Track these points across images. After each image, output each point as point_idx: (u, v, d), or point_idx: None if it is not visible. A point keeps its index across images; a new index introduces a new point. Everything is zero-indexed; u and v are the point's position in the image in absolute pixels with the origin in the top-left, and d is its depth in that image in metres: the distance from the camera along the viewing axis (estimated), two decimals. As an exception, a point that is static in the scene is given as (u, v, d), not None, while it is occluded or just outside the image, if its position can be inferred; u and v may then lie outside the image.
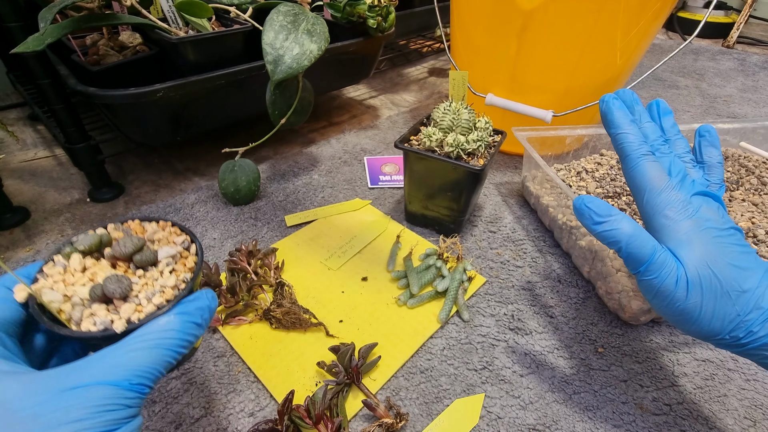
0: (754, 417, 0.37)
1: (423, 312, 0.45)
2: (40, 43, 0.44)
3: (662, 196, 0.30)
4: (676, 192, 0.30)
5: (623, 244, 0.29)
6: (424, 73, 1.15)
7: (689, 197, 0.30)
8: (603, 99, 0.34)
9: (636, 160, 0.31)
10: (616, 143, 0.33)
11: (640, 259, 0.29)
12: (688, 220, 0.29)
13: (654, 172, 0.30)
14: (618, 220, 0.29)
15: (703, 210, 0.29)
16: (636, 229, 0.29)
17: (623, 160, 0.32)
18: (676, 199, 0.29)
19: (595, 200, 0.30)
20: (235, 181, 0.59)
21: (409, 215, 0.58)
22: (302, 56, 0.51)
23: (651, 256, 0.28)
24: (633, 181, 0.31)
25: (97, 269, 0.24)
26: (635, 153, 0.31)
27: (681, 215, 0.29)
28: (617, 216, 0.29)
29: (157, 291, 0.24)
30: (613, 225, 0.29)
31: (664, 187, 0.30)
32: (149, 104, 0.55)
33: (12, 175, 0.68)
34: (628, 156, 0.32)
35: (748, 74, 1.16)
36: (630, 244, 0.29)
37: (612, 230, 0.29)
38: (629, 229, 0.29)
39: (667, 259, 0.28)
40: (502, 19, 0.60)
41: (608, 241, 0.30)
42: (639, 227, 0.29)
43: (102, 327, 0.22)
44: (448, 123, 0.49)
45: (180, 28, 0.61)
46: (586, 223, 0.30)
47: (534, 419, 0.36)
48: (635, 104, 0.35)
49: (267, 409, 0.37)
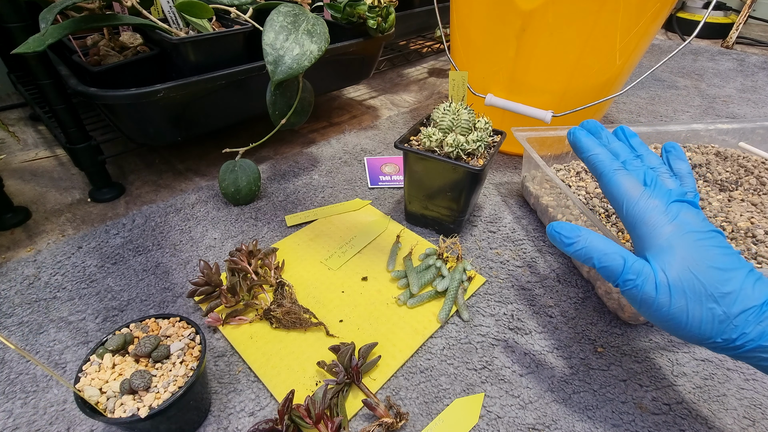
0: (753, 416, 0.37)
1: (423, 312, 0.45)
2: (41, 43, 0.44)
3: (640, 204, 0.31)
4: (653, 200, 0.31)
5: (596, 260, 0.30)
6: (423, 73, 1.16)
7: (668, 204, 0.30)
8: (569, 132, 0.37)
9: (609, 175, 0.33)
10: (589, 165, 0.35)
11: (615, 271, 0.30)
12: (669, 225, 0.30)
13: (629, 183, 0.32)
14: (586, 238, 0.31)
15: (682, 215, 0.30)
16: (605, 244, 0.30)
17: (599, 178, 0.34)
18: (653, 206, 0.30)
19: (564, 224, 0.32)
20: (235, 181, 0.59)
21: (409, 215, 0.58)
22: (302, 57, 0.51)
23: (623, 265, 0.29)
24: (611, 195, 0.33)
25: (124, 365, 0.32)
26: (608, 168, 0.33)
27: (661, 221, 0.30)
28: (585, 234, 0.31)
29: (171, 380, 0.31)
30: (582, 243, 0.31)
31: (641, 196, 0.31)
32: (150, 105, 0.55)
33: (13, 175, 0.68)
34: (602, 173, 0.33)
35: (747, 75, 1.16)
36: (601, 258, 0.30)
37: (582, 248, 0.31)
38: (599, 244, 0.30)
39: (641, 267, 0.29)
40: (501, 19, 0.60)
41: (582, 258, 0.31)
42: (609, 241, 0.31)
43: (130, 414, 0.29)
44: (448, 123, 0.49)
45: (180, 28, 0.61)
46: (559, 246, 0.32)
47: (533, 419, 0.36)
48: (601, 130, 0.37)
49: (267, 409, 0.37)
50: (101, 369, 0.32)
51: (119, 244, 0.54)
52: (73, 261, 0.51)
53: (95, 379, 0.31)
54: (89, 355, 0.33)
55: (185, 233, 0.56)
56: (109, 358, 0.33)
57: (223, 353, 0.41)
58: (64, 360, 0.40)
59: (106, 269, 0.50)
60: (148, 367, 0.32)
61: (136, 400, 0.30)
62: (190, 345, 0.34)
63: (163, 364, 0.33)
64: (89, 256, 0.52)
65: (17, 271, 0.50)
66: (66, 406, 0.37)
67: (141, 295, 0.47)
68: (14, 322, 0.44)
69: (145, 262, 0.51)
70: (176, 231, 0.56)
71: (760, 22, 1.58)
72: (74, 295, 0.47)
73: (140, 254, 0.52)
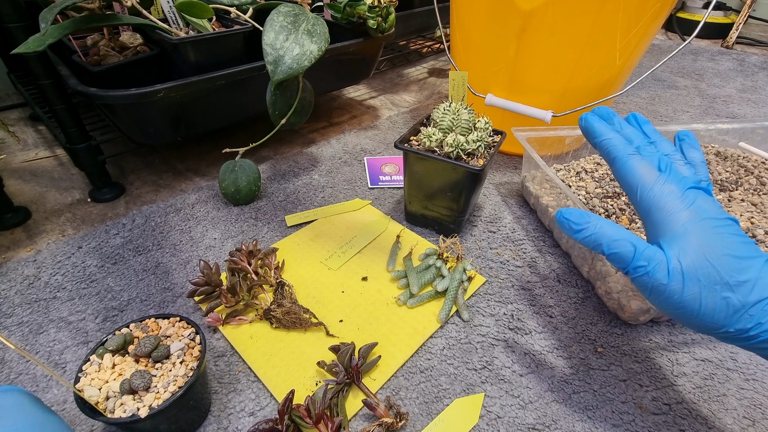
0: (753, 416, 0.37)
1: (423, 312, 0.45)
2: (41, 43, 0.44)
3: (655, 189, 0.30)
4: (668, 185, 0.30)
5: (605, 247, 0.30)
6: (423, 73, 1.16)
7: (684, 190, 0.30)
8: (581, 117, 0.36)
9: (624, 159, 0.32)
10: (602, 150, 0.34)
11: (625, 257, 0.29)
12: (685, 211, 0.29)
13: (643, 168, 0.31)
14: (595, 225, 0.30)
15: (699, 201, 0.29)
16: (615, 230, 0.30)
17: (612, 163, 0.33)
18: (669, 192, 0.30)
19: (573, 210, 0.31)
20: (235, 181, 0.59)
21: (409, 215, 0.58)
22: (302, 57, 0.51)
23: (634, 251, 0.29)
24: (624, 180, 0.32)
25: (124, 365, 0.32)
26: (622, 153, 0.32)
27: (677, 207, 0.29)
28: (594, 221, 0.30)
29: (171, 381, 0.31)
30: (591, 230, 0.30)
31: (656, 181, 0.30)
32: (150, 105, 0.55)
33: (13, 175, 0.68)
34: (616, 158, 0.32)
35: (747, 74, 1.16)
36: (611, 244, 0.29)
37: (591, 235, 0.30)
38: (608, 231, 0.30)
39: (653, 253, 0.28)
40: (501, 19, 0.60)
41: (591, 245, 0.31)
42: (619, 228, 0.30)
43: (130, 414, 0.29)
44: (448, 123, 0.49)
45: (180, 28, 0.61)
46: (568, 233, 0.32)
47: (533, 419, 0.36)
48: (613, 116, 0.36)
49: (267, 409, 0.37)
50: (101, 369, 0.32)
51: (119, 244, 0.54)
52: (73, 261, 0.51)
53: (95, 379, 0.31)
54: (89, 355, 0.33)
55: (185, 233, 0.56)
56: (109, 358, 0.33)
57: (223, 353, 0.41)
58: (64, 360, 0.40)
59: (106, 269, 0.50)
60: (148, 367, 0.32)
61: (136, 400, 0.30)
62: (190, 345, 0.34)
63: (163, 364, 0.33)
64: (89, 256, 0.52)
65: (17, 271, 0.50)
66: (66, 406, 0.37)
67: (141, 295, 0.47)
68: (14, 322, 0.44)
69: (145, 262, 0.51)
70: (176, 231, 0.56)
71: (760, 22, 1.58)
72: (74, 295, 0.47)
73: (140, 254, 0.52)
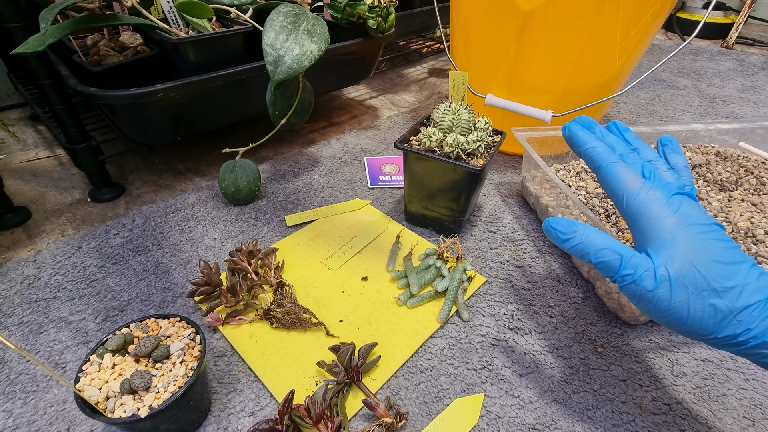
0: (753, 416, 0.37)
1: (423, 312, 0.45)
2: (40, 43, 0.44)
3: (641, 196, 0.30)
4: (654, 192, 0.30)
5: (592, 256, 0.30)
6: (423, 73, 1.16)
7: (669, 196, 0.30)
8: (564, 127, 0.36)
9: (608, 168, 0.32)
10: (587, 158, 0.34)
11: (612, 266, 0.29)
12: (671, 217, 0.29)
13: (628, 175, 0.31)
14: (582, 234, 0.30)
15: (684, 207, 0.29)
16: (602, 238, 0.30)
17: (597, 171, 0.33)
18: (655, 199, 0.30)
19: (560, 220, 0.32)
20: (235, 181, 0.59)
21: (409, 215, 0.58)
22: (302, 57, 0.51)
23: (621, 260, 0.29)
24: (610, 188, 0.32)
25: (124, 365, 0.32)
26: (606, 161, 0.32)
27: (663, 213, 0.29)
28: (581, 230, 0.31)
29: (171, 381, 0.31)
30: (578, 239, 0.30)
31: (641, 188, 0.30)
32: (150, 105, 0.55)
33: (13, 175, 0.68)
34: (600, 166, 0.33)
35: (747, 75, 1.16)
36: (598, 253, 0.30)
37: (579, 244, 0.30)
38: (595, 239, 0.30)
39: (640, 261, 0.29)
40: (501, 19, 0.60)
41: (579, 254, 0.31)
42: (606, 236, 0.30)
43: (130, 414, 0.29)
44: (448, 123, 0.49)
45: (180, 28, 0.61)
46: (555, 242, 0.32)
47: (533, 419, 0.36)
48: (594, 125, 0.37)
49: (267, 409, 0.37)
50: (101, 369, 0.32)
51: (119, 244, 0.54)
52: (73, 261, 0.51)
53: (95, 379, 0.31)
54: (89, 355, 0.33)
55: (185, 233, 0.56)
56: (109, 358, 0.33)
57: (223, 353, 0.41)
58: (64, 360, 0.40)
59: (106, 269, 0.50)
60: (148, 367, 0.32)
61: (136, 400, 0.30)
62: (190, 345, 0.34)
63: (163, 364, 0.33)
64: (89, 256, 0.52)
65: (17, 271, 0.50)
66: (66, 406, 0.37)
67: (141, 295, 0.47)
68: (14, 322, 0.44)
69: (145, 262, 0.51)
70: (176, 231, 0.56)
71: (760, 22, 1.58)
72: (74, 295, 0.47)
73: (140, 254, 0.52)
